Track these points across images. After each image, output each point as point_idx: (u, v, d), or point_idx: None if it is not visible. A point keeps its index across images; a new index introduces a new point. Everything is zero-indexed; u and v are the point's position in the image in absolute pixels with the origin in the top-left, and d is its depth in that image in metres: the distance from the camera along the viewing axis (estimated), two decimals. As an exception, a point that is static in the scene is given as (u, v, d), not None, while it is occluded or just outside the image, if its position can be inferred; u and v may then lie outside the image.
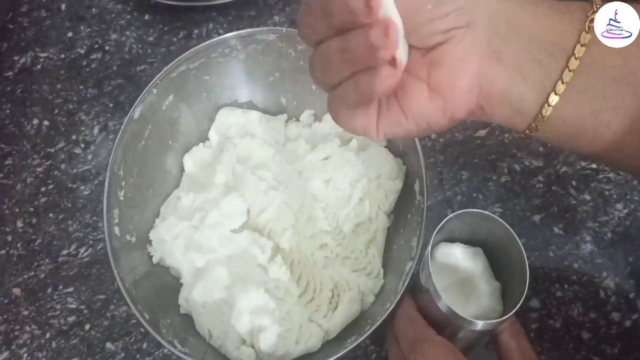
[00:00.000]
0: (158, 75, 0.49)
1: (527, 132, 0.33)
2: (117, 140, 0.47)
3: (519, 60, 0.31)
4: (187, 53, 0.50)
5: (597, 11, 0.31)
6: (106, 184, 0.46)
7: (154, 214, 0.51)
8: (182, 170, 0.54)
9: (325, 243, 0.49)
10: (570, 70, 0.30)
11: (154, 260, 0.49)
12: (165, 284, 0.49)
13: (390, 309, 0.40)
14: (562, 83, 0.31)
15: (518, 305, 0.35)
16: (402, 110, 0.31)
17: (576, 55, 0.30)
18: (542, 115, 0.32)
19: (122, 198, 0.47)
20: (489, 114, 0.33)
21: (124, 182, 0.47)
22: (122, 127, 0.47)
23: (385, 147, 0.52)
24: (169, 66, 0.50)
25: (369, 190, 0.49)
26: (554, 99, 0.31)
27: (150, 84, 0.49)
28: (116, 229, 0.46)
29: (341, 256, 0.49)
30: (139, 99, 0.49)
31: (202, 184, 0.52)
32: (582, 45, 0.30)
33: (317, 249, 0.48)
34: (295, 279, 0.47)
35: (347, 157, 0.50)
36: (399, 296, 0.40)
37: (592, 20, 0.31)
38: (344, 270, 0.48)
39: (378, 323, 0.40)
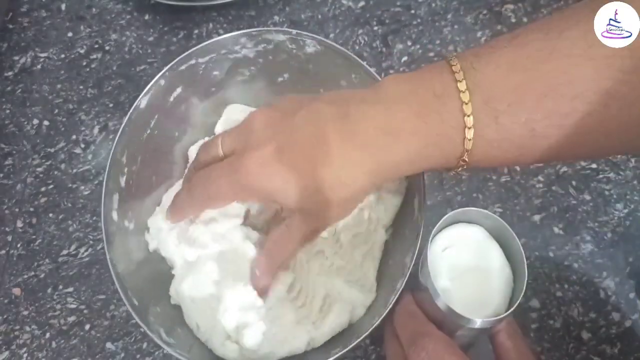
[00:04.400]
0: (167, 67, 0.48)
1: (462, 165, 0.35)
2: (121, 127, 0.46)
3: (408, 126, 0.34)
4: (196, 48, 0.49)
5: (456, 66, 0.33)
6: (106, 171, 0.45)
7: (155, 203, 0.50)
8: (187, 162, 0.53)
9: (321, 250, 0.48)
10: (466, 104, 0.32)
11: (150, 248, 0.48)
12: (161, 272, 0.48)
13: (377, 323, 0.40)
14: (468, 116, 0.32)
15: (516, 304, 0.35)
16: None
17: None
18: (466, 150, 0.33)
19: (123, 185, 0.46)
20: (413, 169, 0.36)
21: (126, 169, 0.47)
22: (127, 115, 0.46)
23: None
24: (178, 58, 0.48)
25: (368, 202, 0.49)
26: (469, 133, 0.32)
27: (159, 75, 0.48)
28: (114, 214, 0.45)
29: (336, 265, 0.48)
30: (146, 88, 0.47)
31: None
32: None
33: (313, 255, 0.48)
34: (288, 282, 0.47)
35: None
36: (387, 311, 0.40)
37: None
38: (338, 280, 0.47)
39: (364, 336, 0.40)
